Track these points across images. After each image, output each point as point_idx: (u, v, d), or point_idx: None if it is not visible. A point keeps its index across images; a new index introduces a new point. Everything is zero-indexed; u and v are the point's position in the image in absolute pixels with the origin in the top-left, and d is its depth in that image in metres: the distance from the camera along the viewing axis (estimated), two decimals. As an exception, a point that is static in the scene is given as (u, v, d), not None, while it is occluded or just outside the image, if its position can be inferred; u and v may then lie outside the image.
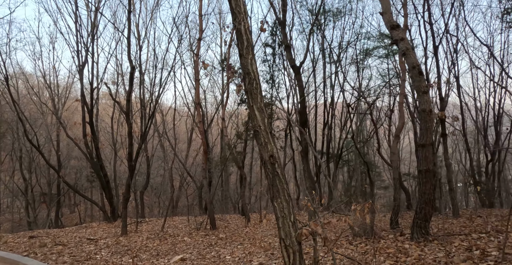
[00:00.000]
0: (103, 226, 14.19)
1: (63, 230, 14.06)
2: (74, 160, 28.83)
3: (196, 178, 22.35)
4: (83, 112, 15.57)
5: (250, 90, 3.54)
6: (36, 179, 24.17)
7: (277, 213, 3.36)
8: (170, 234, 10.79)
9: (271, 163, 3.36)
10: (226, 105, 13.48)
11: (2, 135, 21.60)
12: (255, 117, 3.50)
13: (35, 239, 11.68)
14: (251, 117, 3.60)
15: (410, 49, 6.49)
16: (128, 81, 11.20)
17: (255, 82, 3.53)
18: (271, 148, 3.43)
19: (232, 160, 12.71)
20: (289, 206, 3.32)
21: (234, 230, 11.65)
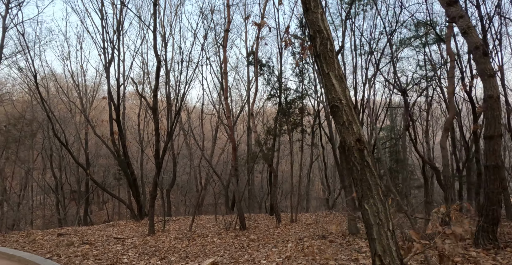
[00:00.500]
0: (130, 225, 13.96)
1: (91, 228, 13.93)
2: (102, 158, 29.14)
3: (221, 176, 21.97)
4: (110, 110, 15.43)
5: (323, 53, 2.77)
6: (66, 177, 24.51)
7: (369, 219, 2.52)
8: (199, 235, 10.33)
9: (359, 149, 2.56)
10: (255, 100, 12.90)
11: (34, 135, 21.97)
12: (333, 88, 2.73)
13: (63, 237, 11.54)
14: (326, 89, 2.82)
15: (471, 27, 5.65)
16: (155, 76, 10.83)
17: (328, 43, 2.77)
18: (357, 130, 2.64)
19: (261, 158, 12.10)
20: (385, 210, 2.48)
21: (265, 230, 11.06)
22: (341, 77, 2.71)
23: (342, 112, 2.69)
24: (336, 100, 2.72)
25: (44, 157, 25.78)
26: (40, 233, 12.68)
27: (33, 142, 24.70)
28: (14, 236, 12.30)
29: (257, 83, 12.79)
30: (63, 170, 24.91)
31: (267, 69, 14.33)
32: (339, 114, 2.71)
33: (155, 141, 11.14)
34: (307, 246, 7.23)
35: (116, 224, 14.25)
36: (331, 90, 2.70)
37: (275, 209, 12.14)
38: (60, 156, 23.60)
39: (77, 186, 25.03)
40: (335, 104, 2.71)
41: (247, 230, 11.04)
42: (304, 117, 13.37)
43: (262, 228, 11.46)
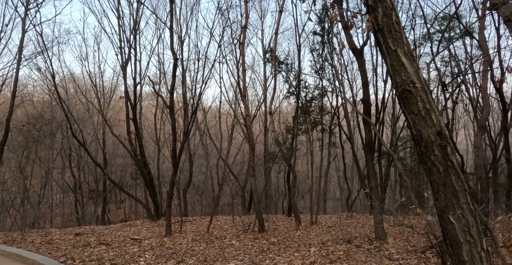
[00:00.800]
0: (147, 225, 13.82)
1: (108, 227, 13.85)
2: (119, 158, 29.36)
3: (238, 176, 21.72)
4: (127, 109, 15.35)
5: (387, 26, 2.27)
6: (84, 176, 24.74)
7: (456, 235, 1.96)
8: (217, 236, 10.04)
9: (441, 145, 2.04)
10: (273, 98, 12.53)
11: (53, 134, 22.22)
12: (403, 69, 2.20)
13: (80, 236, 11.47)
14: (393, 70, 2.26)
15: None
16: (171, 74, 10.63)
17: (393, 13, 2.30)
18: (437, 121, 2.12)
19: (280, 157, 11.73)
20: (477, 224, 1.93)
21: (285, 233, 10.69)
22: (411, 55, 2.19)
23: (417, 98, 2.16)
24: (407, 83, 2.19)
25: (63, 157, 26.11)
26: (58, 232, 12.66)
27: (53, 142, 25.04)
28: (33, 235, 12.32)
29: (276, 81, 12.44)
30: (82, 169, 25.17)
31: (285, 66, 13.96)
32: (412, 100, 2.18)
33: (172, 141, 10.92)
34: (332, 251, 6.83)
35: (133, 224, 14.13)
36: (400, 71, 2.17)
37: (294, 210, 11.76)
38: (78, 155, 23.82)
39: (95, 185, 25.23)
40: (406, 89, 2.18)
41: (266, 232, 10.70)
42: (324, 116, 12.93)
43: (281, 231, 11.10)
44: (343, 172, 19.19)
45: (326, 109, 13.18)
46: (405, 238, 8.00)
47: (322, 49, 14.10)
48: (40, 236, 11.94)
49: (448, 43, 14.95)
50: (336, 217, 15.14)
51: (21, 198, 25.12)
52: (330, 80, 13.68)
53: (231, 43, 19.06)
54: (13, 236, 12.14)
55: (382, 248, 6.72)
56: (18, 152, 24.91)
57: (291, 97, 13.20)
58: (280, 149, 11.16)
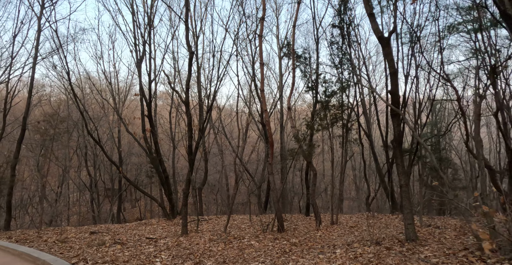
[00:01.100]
0: (162, 224, 13.56)
1: (123, 226, 13.65)
2: (134, 156, 29.40)
3: (253, 175, 21.35)
4: (142, 106, 15.13)
5: None
6: (100, 175, 24.78)
7: None
8: (235, 236, 9.65)
9: None
10: (292, 92, 12.05)
11: (68, 132, 22.28)
12: None
13: (96, 235, 11.26)
14: None
15: None
16: (187, 68, 10.28)
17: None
18: None
19: (300, 154, 11.25)
20: None
21: (305, 233, 10.22)
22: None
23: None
24: None
25: (79, 156, 26.24)
26: (74, 231, 12.51)
27: (69, 140, 25.20)
28: (48, 233, 12.20)
29: (294, 75, 11.95)
30: (98, 168, 25.23)
31: (303, 60, 13.47)
32: None
33: (188, 137, 10.58)
34: (360, 253, 6.33)
35: (149, 223, 13.89)
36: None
37: (314, 209, 11.26)
38: (94, 154, 23.86)
39: (110, 184, 25.26)
40: None
41: (285, 232, 10.25)
42: (344, 111, 12.38)
43: (301, 231, 10.63)
44: (363, 170, 18.50)
45: (345, 105, 12.60)
46: (437, 240, 7.43)
47: (342, 41, 13.56)
48: (56, 234, 11.80)
49: (476, 34, 14.17)
50: (356, 217, 14.58)
51: (39, 196, 25.38)
52: (350, 73, 13.09)
53: (246, 38, 18.67)
54: (28, 234, 12.04)
55: (416, 250, 6.18)
56: (36, 150, 25.16)
57: (309, 92, 12.68)
58: (300, 146, 10.68)
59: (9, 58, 16.42)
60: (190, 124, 10.29)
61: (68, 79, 13.09)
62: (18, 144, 15.95)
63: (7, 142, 26.96)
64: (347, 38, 13.81)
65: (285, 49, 14.13)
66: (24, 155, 27.30)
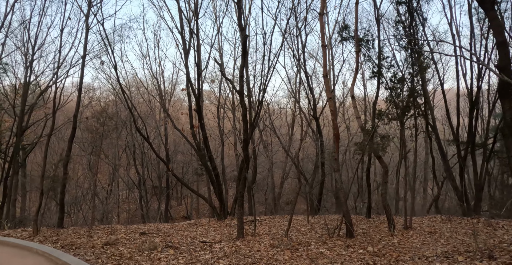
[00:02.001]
0: (214, 225, 12.70)
1: (173, 226, 12.96)
2: (180, 155, 29.23)
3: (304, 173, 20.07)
4: (189, 101, 14.44)
5: None
6: (148, 173, 24.74)
7: None
8: (298, 242, 8.46)
9: None
10: (356, 78, 10.61)
11: (117, 128, 22.33)
12: None
13: (146, 236, 10.61)
14: None
15: None
16: (241, 53, 9.22)
17: None
18: None
19: (369, 148, 9.83)
20: None
21: (379, 239, 8.80)
22: None
23: None
24: None
25: (128, 154, 26.47)
26: (124, 231, 12.00)
27: (118, 139, 25.48)
28: (99, 232, 11.79)
29: (358, 58, 10.48)
30: (145, 166, 25.24)
31: (365, 43, 11.94)
32: None
33: (243, 130, 9.54)
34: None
35: (199, 224, 13.10)
36: None
37: (387, 211, 9.78)
38: (142, 152, 23.82)
39: (158, 182, 25.15)
40: None
41: (356, 238, 8.89)
42: (416, 99, 10.74)
43: (373, 236, 9.21)
44: (431, 167, 16.48)
45: (417, 91, 10.93)
46: None
47: (410, 19, 11.88)
48: (106, 234, 11.33)
49: None
50: (427, 220, 12.80)
51: (91, 194, 25.96)
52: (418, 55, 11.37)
53: (296, 27, 17.41)
54: (79, 233, 11.70)
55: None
56: (87, 150, 25.72)
57: (374, 78, 11.18)
58: (370, 138, 9.27)
59: (57, 52, 16.45)
60: (246, 115, 9.24)
61: (116, 74, 12.67)
62: (70, 142, 15.91)
63: (62, 141, 27.93)
64: (416, 15, 12.11)
65: (344, 33, 12.64)
66: (77, 154, 28.14)
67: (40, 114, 21.33)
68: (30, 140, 22.46)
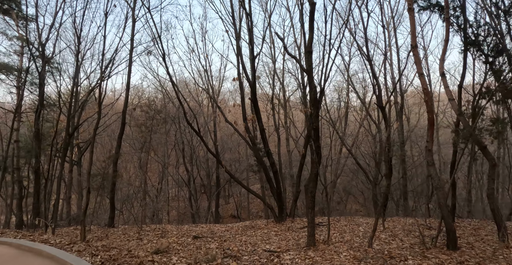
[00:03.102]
0: (273, 228, 11.27)
1: (228, 229, 11.74)
2: (227, 153, 28.31)
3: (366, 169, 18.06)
4: (242, 92, 13.13)
5: None
6: (198, 171, 23.98)
7: None
8: (388, 254, 6.74)
9: None
10: (445, 52, 8.56)
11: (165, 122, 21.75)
12: None
13: (200, 240, 9.44)
14: None
15: None
16: (308, 25, 7.64)
17: None
18: None
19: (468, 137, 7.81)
20: None
21: (492, 253, 6.82)
22: None
23: None
24: None
25: (177, 152, 25.96)
26: (175, 233, 10.98)
27: (167, 135, 25.04)
28: (149, 234, 10.88)
29: (449, 27, 8.44)
30: (195, 164, 24.55)
31: (452, 11, 9.86)
32: None
33: (314, 117, 7.93)
34: None
35: (256, 226, 11.75)
36: None
37: (496, 216, 7.71)
38: (191, 149, 23.09)
39: (207, 180, 24.34)
40: None
41: (461, 250, 6.97)
42: None
43: (482, 248, 7.22)
44: None
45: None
46: None
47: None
48: (156, 236, 10.36)
49: None
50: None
51: (142, 192, 25.81)
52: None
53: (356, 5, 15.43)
54: (129, 235, 10.86)
55: None
56: (137, 146, 25.59)
57: (470, 50, 9.06)
58: (474, 125, 7.30)
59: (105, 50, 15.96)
60: (316, 98, 7.66)
61: (164, 62, 11.66)
62: (119, 138, 15.37)
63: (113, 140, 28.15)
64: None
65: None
66: (127, 152, 28.25)
67: (91, 113, 21.33)
68: (86, 138, 22.66)
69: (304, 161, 12.18)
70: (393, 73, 17.86)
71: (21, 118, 19.73)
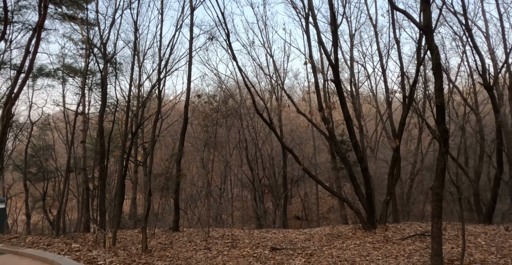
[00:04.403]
0: (365, 237, 9.18)
1: (308, 237, 9.86)
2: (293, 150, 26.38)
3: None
4: (316, 77, 11.18)
5: None
6: (263, 170, 22.46)
7: None
8: None
9: None
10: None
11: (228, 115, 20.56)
12: None
13: (280, 253, 7.72)
14: None
15: None
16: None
17: None
18: None
19: None
20: None
21: None
22: None
23: None
24: None
25: (240, 150, 24.76)
26: (247, 242, 9.40)
27: (228, 134, 24.00)
28: (218, 242, 9.44)
29: None
30: (260, 162, 23.10)
31: None
32: None
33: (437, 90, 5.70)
34: None
35: (342, 234, 9.73)
36: None
37: None
38: (255, 146, 21.64)
39: (273, 179, 22.69)
40: None
41: None
42: None
43: None
44: None
45: None
46: None
47: None
48: (226, 246, 8.87)
49: None
50: None
51: (205, 192, 25.13)
52: None
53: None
54: (195, 242, 9.53)
55: None
56: (198, 146, 24.92)
57: None
58: None
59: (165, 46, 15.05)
60: (439, 64, 5.45)
61: (228, 41, 10.16)
62: (182, 136, 14.34)
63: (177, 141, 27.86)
64: None
65: None
66: (190, 152, 27.78)
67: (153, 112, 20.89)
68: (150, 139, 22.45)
69: (399, 155, 9.90)
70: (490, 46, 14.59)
71: (89, 120, 19.88)
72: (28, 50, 10.94)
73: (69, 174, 15.67)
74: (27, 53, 10.88)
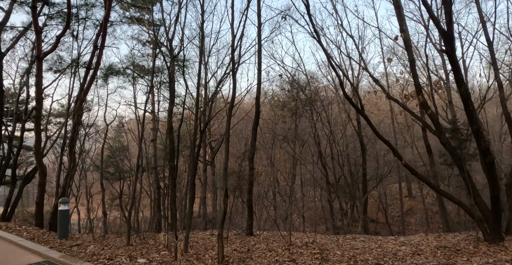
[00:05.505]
0: (494, 254, 7.05)
1: (414, 250, 7.98)
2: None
3: None
4: (409, 51, 9.21)
5: None
6: (341, 169, 20.50)
7: None
8: None
9: None
10: None
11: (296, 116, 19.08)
12: None
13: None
14: None
15: None
16: None
17: None
18: None
19: None
20: None
21: None
22: None
23: None
24: None
25: (312, 146, 23.10)
26: (339, 254, 7.82)
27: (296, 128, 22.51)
28: (303, 253, 8.01)
29: None
30: (332, 159, 21.22)
31: None
32: None
33: None
34: None
35: (461, 248, 7.66)
36: None
37: None
38: (330, 142, 19.84)
39: (350, 178, 20.65)
40: None
41: None
42: None
43: None
44: None
45: None
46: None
47: None
48: (315, 259, 7.38)
49: None
50: None
51: (273, 192, 24.05)
52: None
53: None
54: (276, 251, 8.20)
55: None
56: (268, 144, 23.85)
57: None
58: None
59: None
60: None
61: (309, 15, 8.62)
62: (253, 130, 13.20)
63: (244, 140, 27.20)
64: None
65: None
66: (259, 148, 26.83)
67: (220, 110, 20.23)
68: (217, 138, 21.96)
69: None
70: None
71: (158, 118, 19.86)
72: (96, 45, 10.67)
73: (141, 173, 15.41)
74: (95, 49, 10.60)
